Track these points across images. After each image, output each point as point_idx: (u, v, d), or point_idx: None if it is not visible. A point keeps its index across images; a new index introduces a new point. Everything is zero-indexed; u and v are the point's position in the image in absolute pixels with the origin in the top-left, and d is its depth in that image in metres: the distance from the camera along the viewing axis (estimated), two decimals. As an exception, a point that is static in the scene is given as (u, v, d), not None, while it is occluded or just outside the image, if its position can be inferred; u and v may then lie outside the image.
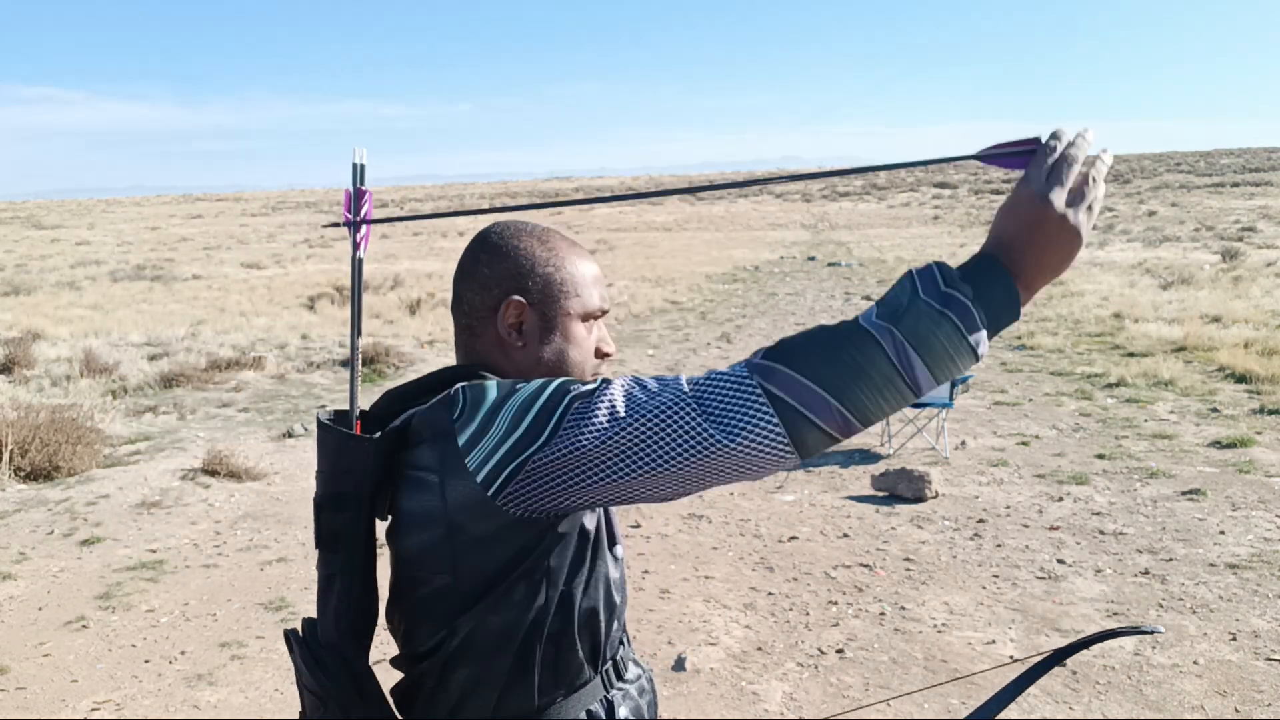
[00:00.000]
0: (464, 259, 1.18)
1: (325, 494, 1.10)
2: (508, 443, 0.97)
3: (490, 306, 1.15)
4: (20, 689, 3.47)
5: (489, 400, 1.01)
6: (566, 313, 1.17)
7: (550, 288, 1.16)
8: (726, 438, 0.88)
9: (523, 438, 0.96)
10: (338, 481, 1.08)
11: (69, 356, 9.63)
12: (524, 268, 1.15)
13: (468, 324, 1.17)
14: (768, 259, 23.49)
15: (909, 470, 5.57)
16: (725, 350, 10.80)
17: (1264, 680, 3.36)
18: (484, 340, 1.16)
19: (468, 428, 1.00)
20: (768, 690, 3.41)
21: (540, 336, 1.16)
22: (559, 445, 0.95)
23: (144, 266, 22.75)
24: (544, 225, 1.20)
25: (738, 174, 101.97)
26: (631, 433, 0.92)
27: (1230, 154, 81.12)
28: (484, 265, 1.16)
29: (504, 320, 1.14)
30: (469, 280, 1.17)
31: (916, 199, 55.19)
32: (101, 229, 47.00)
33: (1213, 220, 29.52)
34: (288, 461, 6.41)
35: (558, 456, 0.95)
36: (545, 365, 1.16)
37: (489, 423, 0.99)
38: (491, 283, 1.15)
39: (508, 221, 1.20)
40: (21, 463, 5.90)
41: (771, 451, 0.88)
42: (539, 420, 0.96)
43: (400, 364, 9.82)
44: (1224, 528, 4.83)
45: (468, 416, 1.01)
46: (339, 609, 1.10)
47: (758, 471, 0.91)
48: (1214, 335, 9.81)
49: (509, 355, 1.16)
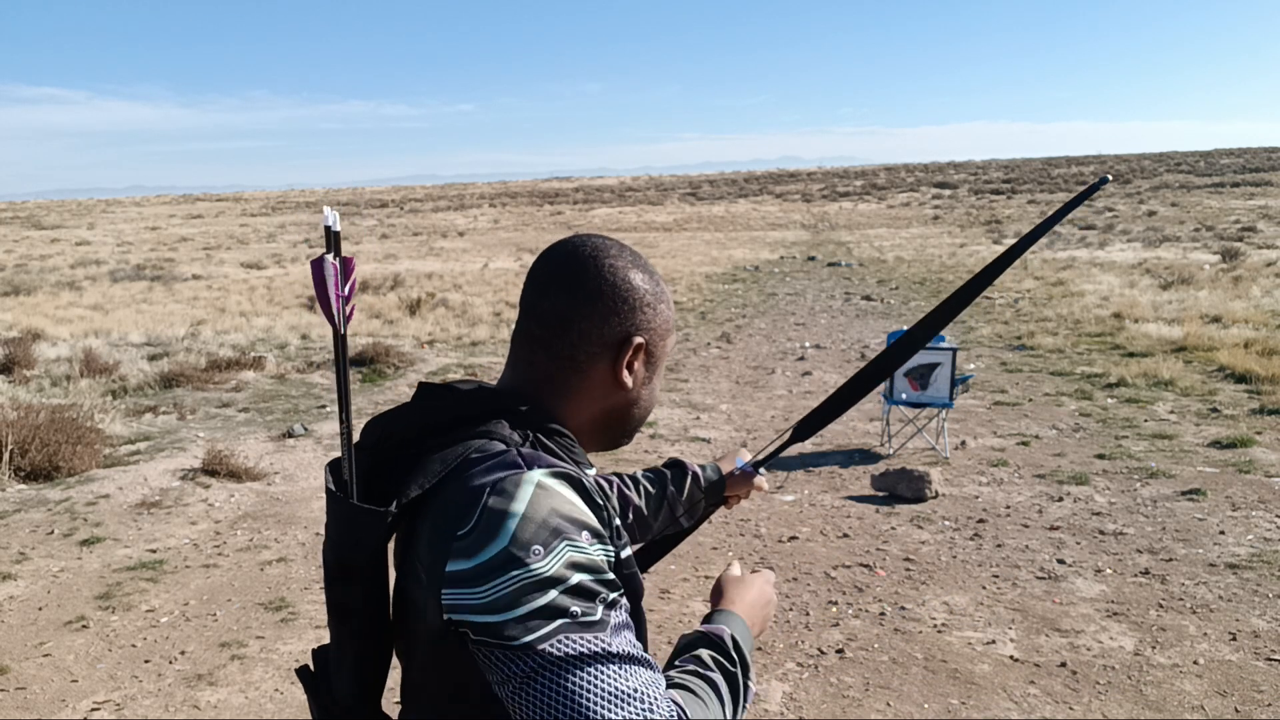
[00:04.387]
0: (574, 276, 1.06)
1: (334, 563, 1.01)
2: (480, 617, 0.88)
3: (607, 343, 1.05)
4: (20, 689, 3.47)
5: (494, 548, 0.88)
6: (666, 352, 1.12)
7: (661, 326, 1.09)
8: None
9: (495, 626, 0.87)
10: (347, 551, 0.99)
11: (69, 356, 9.63)
12: (644, 301, 1.07)
13: (568, 352, 1.05)
14: (768, 259, 23.49)
15: (909, 470, 5.57)
16: (725, 350, 10.79)
17: (1264, 680, 3.36)
18: (578, 373, 1.06)
19: (459, 562, 0.89)
20: (768, 690, 3.41)
21: (643, 378, 1.10)
22: (513, 665, 0.87)
23: (144, 266, 22.76)
24: (629, 246, 1.12)
25: (737, 174, 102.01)
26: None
27: (1230, 154, 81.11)
28: (607, 295, 1.05)
29: (624, 359, 1.06)
30: (585, 305, 1.05)
31: (916, 199, 55.18)
32: (101, 229, 47.00)
33: (1213, 220, 29.53)
34: (288, 461, 6.41)
35: (505, 673, 0.87)
36: (638, 407, 1.11)
37: (477, 579, 0.88)
38: (614, 316, 1.05)
39: (608, 241, 1.10)
40: (21, 463, 5.90)
41: None
42: (522, 625, 0.87)
43: (400, 364, 9.82)
44: (1224, 528, 4.83)
45: (468, 547, 0.89)
46: (352, 671, 1.04)
47: None
48: (1214, 335, 9.81)
49: (604, 393, 1.08)
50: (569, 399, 1.06)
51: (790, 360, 10.07)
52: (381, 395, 8.50)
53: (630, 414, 1.12)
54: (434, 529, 0.93)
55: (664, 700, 0.88)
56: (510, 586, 0.87)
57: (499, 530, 0.88)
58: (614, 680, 0.86)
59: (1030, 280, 16.20)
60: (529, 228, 42.20)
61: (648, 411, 1.14)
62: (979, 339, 10.97)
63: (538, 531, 0.88)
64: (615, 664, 0.87)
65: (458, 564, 0.89)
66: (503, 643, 0.86)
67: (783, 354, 10.49)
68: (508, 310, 13.78)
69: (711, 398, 8.33)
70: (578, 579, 0.88)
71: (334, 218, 1.01)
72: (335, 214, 1.01)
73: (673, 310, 1.14)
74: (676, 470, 1.54)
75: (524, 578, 0.87)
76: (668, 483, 1.52)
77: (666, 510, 1.50)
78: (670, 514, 1.51)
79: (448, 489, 0.94)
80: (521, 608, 0.86)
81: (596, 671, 0.86)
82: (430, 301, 14.15)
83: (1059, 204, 46.48)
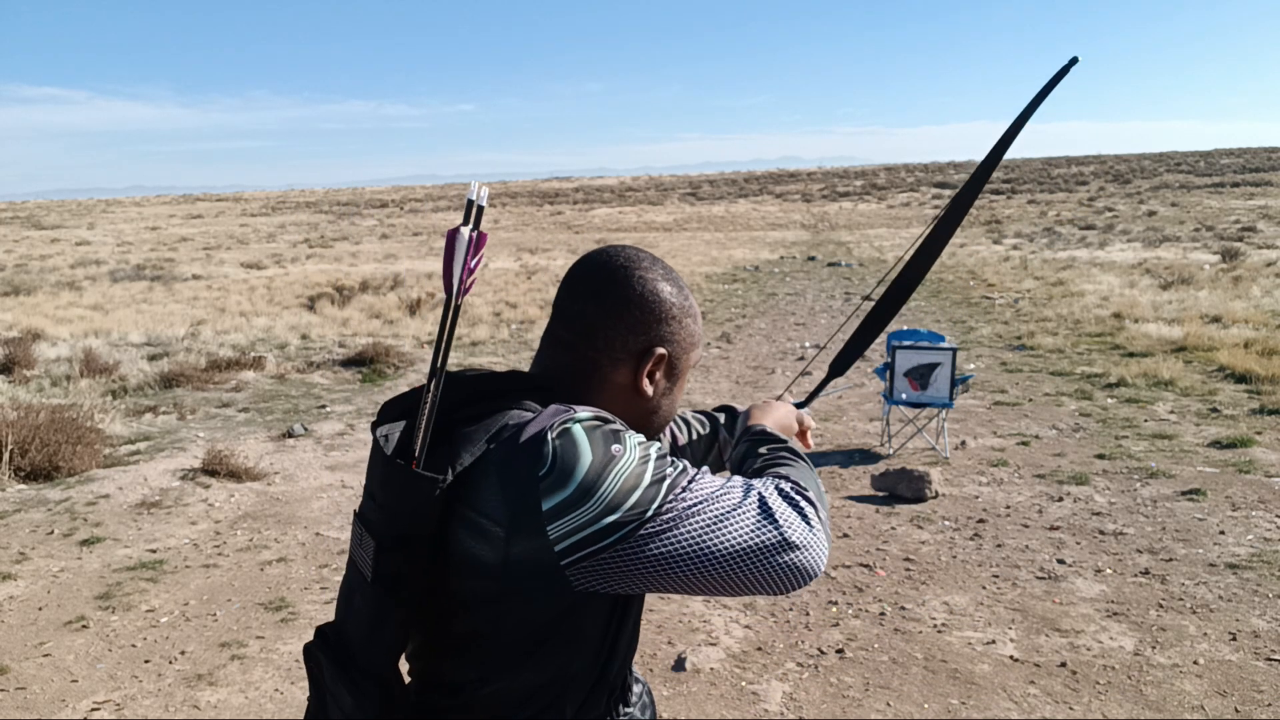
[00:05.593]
0: (604, 285, 1.11)
1: (387, 534, 1.02)
2: (601, 523, 0.95)
3: (631, 351, 1.11)
4: (20, 689, 3.47)
5: (583, 468, 0.96)
6: (689, 365, 1.16)
7: (686, 340, 1.14)
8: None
9: (620, 522, 0.95)
10: (402, 522, 1.01)
11: (69, 356, 9.63)
12: (670, 314, 1.12)
13: (592, 356, 1.11)
14: (768, 259, 23.50)
15: (909, 470, 5.56)
16: (725, 350, 10.80)
17: (1264, 680, 3.36)
18: (599, 375, 1.11)
19: (557, 494, 0.95)
20: (768, 690, 3.41)
21: (664, 388, 1.14)
22: (659, 540, 0.96)
23: (144, 266, 22.76)
24: (661, 258, 1.18)
25: (737, 174, 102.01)
26: (728, 532, 0.98)
27: (1230, 154, 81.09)
28: (635, 306, 1.10)
29: (646, 369, 1.11)
30: (613, 314, 1.10)
31: (916, 199, 55.19)
32: (101, 229, 47.00)
33: (1213, 220, 29.53)
34: (288, 461, 6.41)
35: (655, 551, 0.96)
36: (657, 415, 1.16)
37: (584, 496, 0.95)
38: (640, 327, 1.10)
39: (642, 253, 1.16)
40: (21, 463, 5.90)
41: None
42: (638, 507, 0.96)
43: (400, 364, 9.83)
44: (1224, 528, 4.83)
45: (557, 480, 0.96)
46: (390, 643, 1.06)
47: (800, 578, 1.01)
48: (1214, 335, 9.81)
49: (625, 399, 1.12)
50: (590, 398, 1.11)
51: (790, 360, 10.07)
52: (381, 395, 8.50)
53: (648, 421, 1.16)
54: (504, 482, 0.98)
55: (768, 484, 1.04)
56: (618, 483, 0.96)
57: (577, 455, 0.97)
58: (728, 496, 1.00)
59: (1030, 280, 16.20)
60: (529, 228, 42.20)
61: (666, 421, 1.19)
62: (979, 339, 10.98)
63: (607, 438, 0.99)
64: (722, 487, 1.01)
65: (556, 496, 0.96)
66: (637, 525, 0.95)
67: (783, 354, 10.49)
68: (507, 310, 13.78)
69: (712, 398, 8.33)
70: (653, 449, 1.01)
71: (483, 193, 1.05)
72: (485, 190, 1.05)
73: (700, 325, 1.18)
74: (728, 415, 1.57)
75: (623, 470, 0.97)
76: (719, 427, 1.55)
77: (716, 454, 1.54)
78: (719, 458, 1.54)
79: (502, 449, 1.00)
80: (637, 490, 0.96)
81: (715, 498, 0.99)
82: (430, 301, 14.15)
83: (1058, 203, 46.13)
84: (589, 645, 1.06)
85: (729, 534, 0.97)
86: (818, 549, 1.01)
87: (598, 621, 1.06)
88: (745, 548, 0.97)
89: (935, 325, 11.90)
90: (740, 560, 0.97)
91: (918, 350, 6.33)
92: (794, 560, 0.99)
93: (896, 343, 6.48)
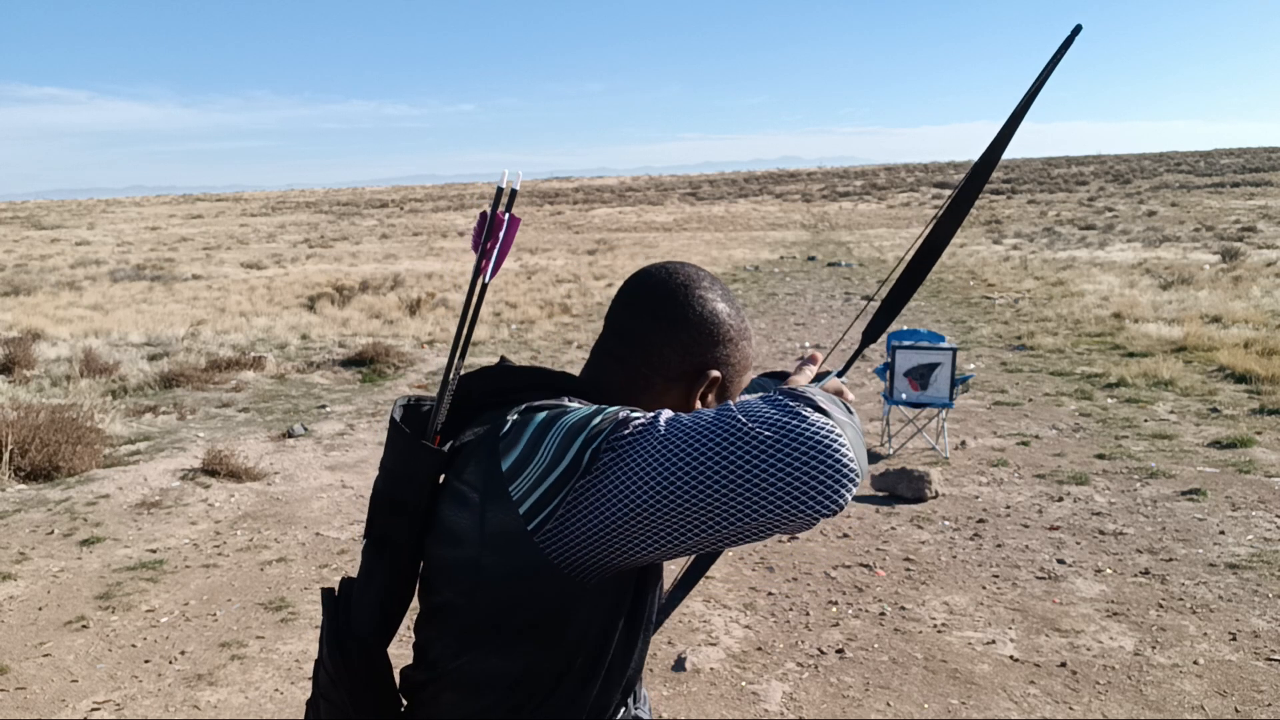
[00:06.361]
0: (662, 303, 1.08)
1: (385, 495, 1.06)
2: (554, 473, 0.91)
3: (685, 372, 1.08)
4: (20, 689, 3.47)
5: (535, 424, 0.96)
6: (739, 389, 1.14)
7: (740, 363, 1.12)
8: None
9: (569, 467, 0.90)
10: (400, 487, 1.05)
11: (69, 356, 9.63)
12: (728, 337, 1.10)
13: (645, 373, 1.08)
14: (768, 259, 23.50)
15: (909, 470, 5.56)
16: (725, 350, 10.79)
17: (1264, 680, 3.36)
18: (651, 394, 1.09)
19: (512, 451, 0.96)
20: (768, 690, 3.41)
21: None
22: (621, 465, 0.88)
23: (144, 266, 22.76)
24: (718, 278, 1.15)
25: (737, 174, 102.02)
26: (694, 444, 0.86)
27: (1230, 154, 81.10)
28: (693, 327, 1.08)
29: (699, 391, 1.08)
30: (670, 334, 1.08)
31: (916, 199, 55.19)
32: (101, 229, 47.00)
33: (1213, 220, 29.53)
34: (288, 461, 6.41)
35: (618, 480, 0.88)
36: None
37: (534, 449, 0.94)
38: (696, 348, 1.08)
39: (701, 271, 1.13)
40: (21, 463, 5.90)
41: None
42: (585, 448, 0.90)
43: (400, 364, 9.82)
44: (1224, 528, 4.83)
45: (512, 438, 0.97)
46: (375, 604, 1.09)
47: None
48: (1214, 335, 9.81)
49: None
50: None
51: (790, 360, 10.07)
52: (381, 395, 8.50)
53: None
54: (479, 451, 1.00)
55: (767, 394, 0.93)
56: (566, 427, 0.93)
57: (533, 416, 0.98)
58: (706, 411, 0.91)
59: (1030, 280, 16.20)
60: (529, 228, 42.20)
61: None
62: (979, 339, 10.98)
63: (562, 405, 0.99)
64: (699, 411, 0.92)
65: (511, 455, 0.96)
66: (591, 459, 0.90)
67: (783, 354, 10.49)
68: (507, 310, 13.78)
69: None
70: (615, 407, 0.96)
71: (515, 179, 1.07)
72: (518, 176, 1.07)
73: (754, 347, 1.16)
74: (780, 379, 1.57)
75: (573, 416, 0.95)
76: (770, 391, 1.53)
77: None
78: None
79: (494, 426, 1.02)
80: (587, 428, 0.92)
81: (690, 415, 0.91)
82: (430, 301, 14.15)
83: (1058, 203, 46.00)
84: (568, 654, 0.99)
85: (713, 435, 0.85)
86: (840, 434, 0.85)
87: (586, 634, 0.99)
88: (739, 440, 0.84)
89: (935, 325, 11.90)
90: (734, 460, 0.83)
91: (918, 350, 6.33)
92: (813, 436, 0.83)
93: (896, 343, 6.48)
